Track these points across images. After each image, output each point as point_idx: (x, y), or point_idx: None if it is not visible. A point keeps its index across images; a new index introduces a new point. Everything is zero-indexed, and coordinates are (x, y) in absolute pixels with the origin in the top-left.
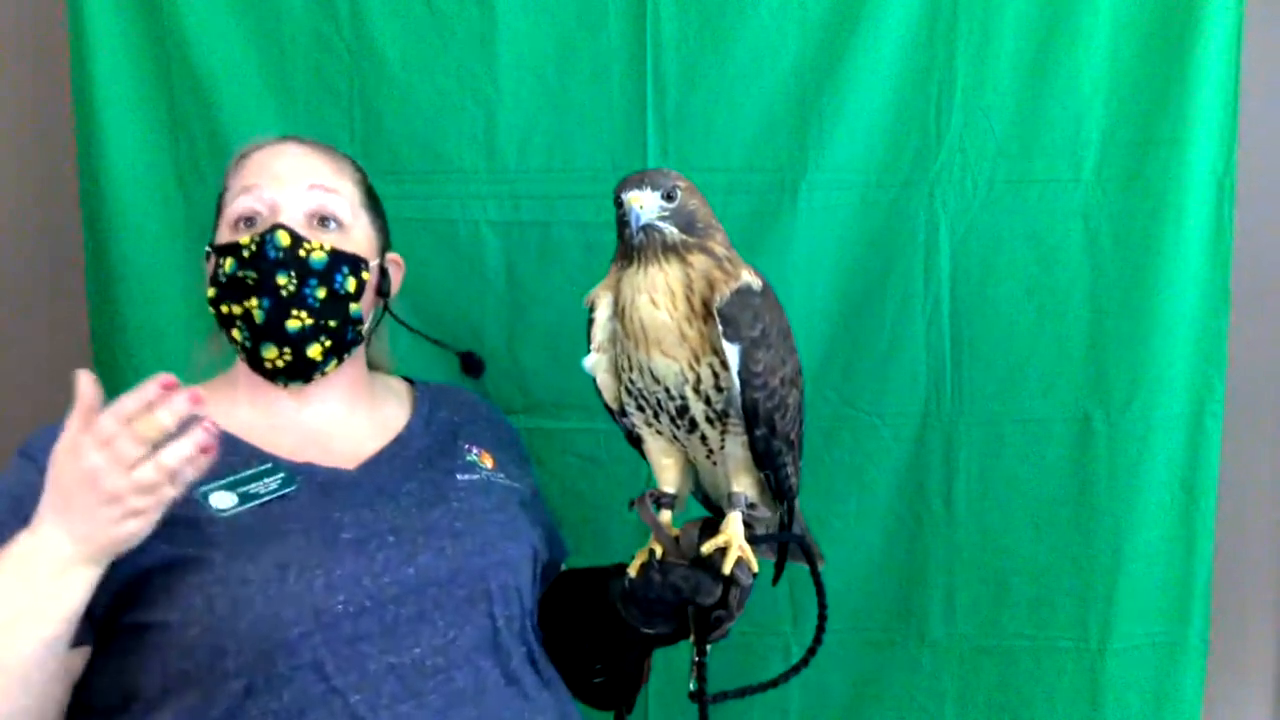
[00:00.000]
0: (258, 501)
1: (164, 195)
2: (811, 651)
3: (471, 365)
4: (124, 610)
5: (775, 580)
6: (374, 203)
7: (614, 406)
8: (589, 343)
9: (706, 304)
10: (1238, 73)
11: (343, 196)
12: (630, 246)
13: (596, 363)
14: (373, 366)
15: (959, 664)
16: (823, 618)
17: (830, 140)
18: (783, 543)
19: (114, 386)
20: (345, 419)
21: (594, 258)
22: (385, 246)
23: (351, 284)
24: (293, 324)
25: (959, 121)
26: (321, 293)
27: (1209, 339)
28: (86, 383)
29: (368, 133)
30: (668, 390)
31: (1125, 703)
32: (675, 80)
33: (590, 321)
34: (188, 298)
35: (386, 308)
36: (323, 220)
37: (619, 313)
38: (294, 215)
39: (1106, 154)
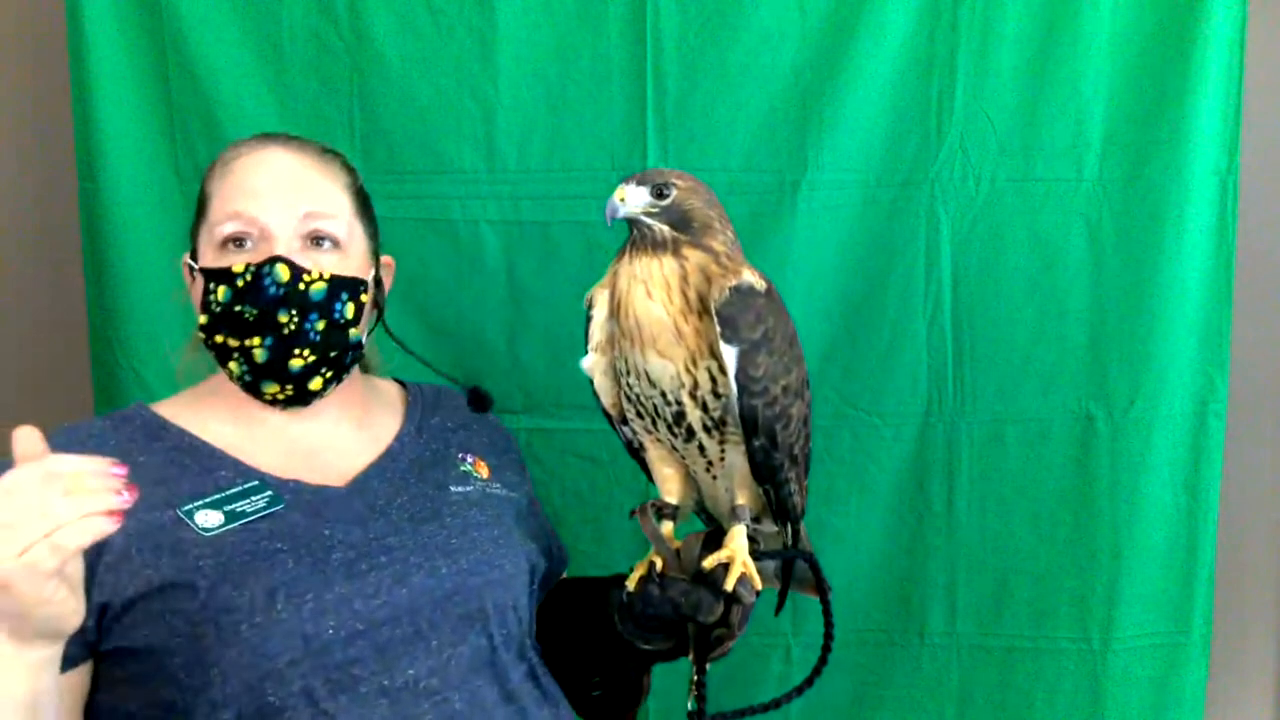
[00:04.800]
0: (244, 520)
1: (163, 195)
2: (816, 671)
3: (479, 400)
4: (111, 638)
5: (778, 609)
6: (365, 205)
7: (613, 412)
8: (586, 343)
9: (704, 299)
10: (1241, 70)
11: (339, 218)
12: (625, 245)
13: (594, 363)
14: (364, 369)
15: (959, 664)
16: (829, 637)
17: (830, 140)
18: (787, 567)
19: (113, 386)
20: (333, 432)
21: (594, 258)
22: (377, 250)
23: (350, 309)
24: (296, 363)
25: (960, 121)
26: (322, 325)
27: (1212, 338)
28: None
29: (368, 132)
30: (664, 395)
31: (1126, 702)
32: (675, 80)
33: (588, 320)
34: (187, 298)
35: (380, 319)
36: (318, 239)
37: (615, 309)
38: (288, 238)
39: (1108, 153)
